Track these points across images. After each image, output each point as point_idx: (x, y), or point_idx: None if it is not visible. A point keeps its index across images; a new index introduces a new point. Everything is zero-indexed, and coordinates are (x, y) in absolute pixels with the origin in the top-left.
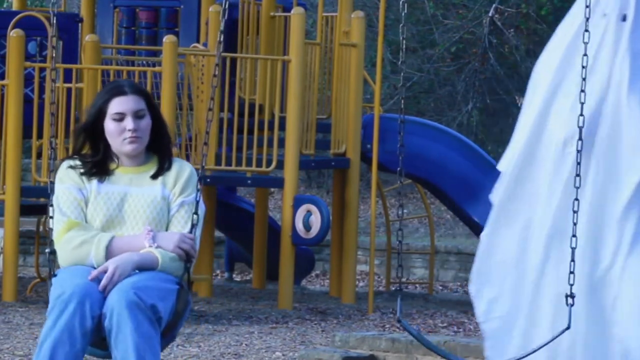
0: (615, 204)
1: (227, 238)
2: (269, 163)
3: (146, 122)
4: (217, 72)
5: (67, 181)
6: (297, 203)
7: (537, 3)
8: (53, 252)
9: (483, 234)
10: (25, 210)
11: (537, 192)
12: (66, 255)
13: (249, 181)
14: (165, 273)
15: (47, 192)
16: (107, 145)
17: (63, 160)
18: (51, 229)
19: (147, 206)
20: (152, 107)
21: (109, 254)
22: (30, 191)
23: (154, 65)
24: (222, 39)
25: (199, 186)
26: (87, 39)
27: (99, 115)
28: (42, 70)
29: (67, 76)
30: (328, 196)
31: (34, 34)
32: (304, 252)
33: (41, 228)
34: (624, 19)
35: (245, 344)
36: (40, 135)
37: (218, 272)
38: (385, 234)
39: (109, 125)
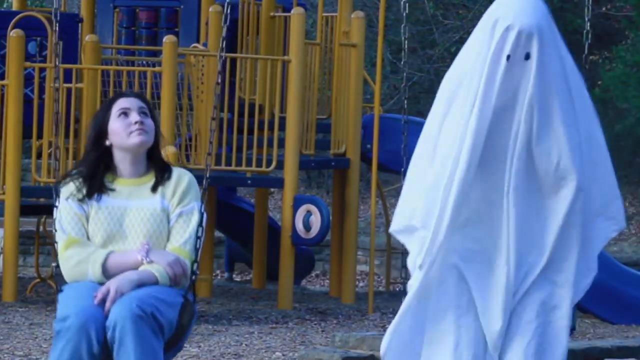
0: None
1: (227, 238)
2: (269, 163)
3: (150, 121)
4: (219, 80)
5: (68, 196)
6: (297, 203)
7: None
8: (59, 266)
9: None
10: (25, 210)
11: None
12: (67, 273)
13: (249, 181)
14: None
15: (47, 192)
16: (110, 158)
17: (66, 175)
18: (56, 242)
19: (147, 219)
20: (153, 114)
21: (105, 271)
22: (30, 191)
23: (154, 65)
24: (224, 45)
25: (200, 196)
26: (87, 39)
27: (104, 122)
28: (42, 70)
29: (67, 76)
30: (328, 196)
31: (34, 34)
32: (304, 252)
33: (41, 228)
34: (527, 57)
35: (245, 344)
36: (40, 135)
37: (218, 272)
38: (385, 234)
39: (114, 125)
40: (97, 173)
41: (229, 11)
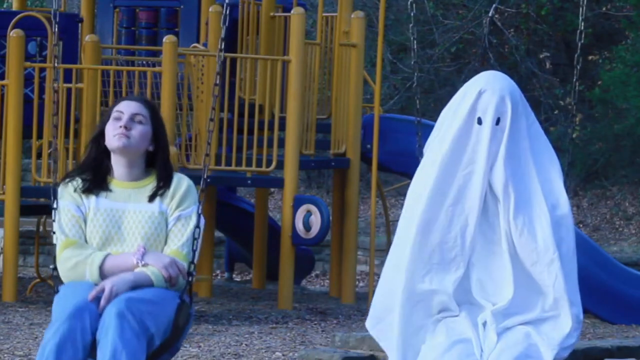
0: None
1: (227, 238)
2: (269, 163)
3: (142, 128)
4: (217, 81)
5: (67, 197)
6: (297, 203)
7: (537, 3)
8: (56, 268)
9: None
10: (25, 210)
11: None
12: (64, 274)
13: (249, 181)
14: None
15: (47, 192)
16: (108, 158)
17: (65, 177)
18: (55, 244)
19: (145, 222)
20: (157, 121)
21: (102, 273)
22: (30, 191)
23: (154, 66)
24: (222, 47)
25: (198, 200)
26: (87, 39)
27: (103, 123)
28: (42, 70)
29: (67, 76)
30: (328, 196)
31: (34, 34)
32: (304, 252)
33: (41, 228)
34: (497, 122)
35: (245, 344)
36: (40, 135)
37: (218, 272)
38: (385, 234)
39: (107, 126)
40: (96, 174)
41: (227, 12)
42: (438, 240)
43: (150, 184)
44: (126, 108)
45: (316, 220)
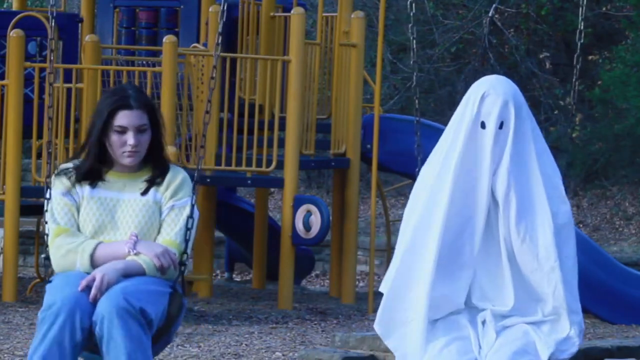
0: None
1: (227, 238)
2: (269, 163)
3: (147, 136)
4: (214, 75)
5: (59, 186)
6: (297, 203)
7: (537, 3)
8: (48, 258)
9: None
10: (25, 210)
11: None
12: (56, 262)
13: (249, 181)
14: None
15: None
16: (105, 151)
17: (59, 169)
18: (47, 234)
19: (139, 211)
20: (154, 120)
21: (94, 261)
22: (30, 191)
23: (154, 65)
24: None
25: (194, 191)
26: (87, 39)
27: (105, 125)
28: (42, 70)
29: (67, 76)
30: (328, 196)
31: (34, 34)
32: (304, 252)
33: (41, 228)
34: (500, 126)
35: (245, 344)
36: (40, 136)
37: (218, 272)
38: (385, 234)
39: (112, 136)
40: (92, 164)
41: (225, 8)
42: (453, 246)
43: (146, 174)
44: (128, 121)
45: (316, 220)
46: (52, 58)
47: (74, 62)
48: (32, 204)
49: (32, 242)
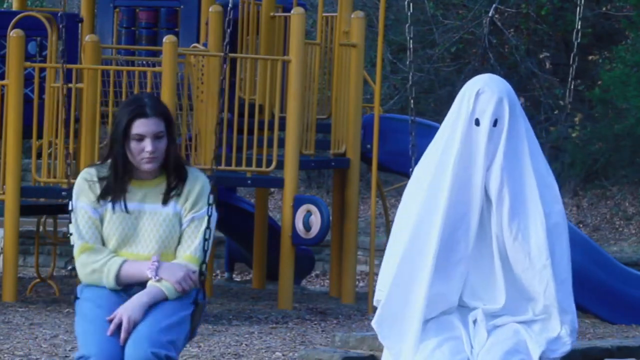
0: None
1: (227, 238)
2: (269, 163)
3: (164, 142)
4: (224, 85)
5: (84, 200)
6: (297, 203)
7: (537, 3)
8: (74, 268)
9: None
10: (25, 210)
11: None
12: (82, 277)
13: (249, 181)
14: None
15: (47, 192)
16: (127, 162)
17: (83, 174)
18: (72, 245)
19: (160, 225)
20: (170, 126)
21: (118, 281)
22: (30, 191)
23: (154, 65)
24: (227, 47)
25: (211, 199)
26: (87, 39)
27: (124, 135)
28: (42, 70)
29: (67, 76)
30: (328, 196)
31: (34, 34)
32: (304, 252)
33: (41, 228)
34: (495, 124)
35: (245, 344)
36: (40, 135)
37: (218, 272)
38: (385, 234)
39: (131, 144)
40: (116, 175)
41: (229, 10)
42: (449, 242)
43: (163, 181)
44: (145, 129)
45: (316, 220)
46: (63, 59)
47: (74, 62)
48: (32, 204)
49: (32, 242)
